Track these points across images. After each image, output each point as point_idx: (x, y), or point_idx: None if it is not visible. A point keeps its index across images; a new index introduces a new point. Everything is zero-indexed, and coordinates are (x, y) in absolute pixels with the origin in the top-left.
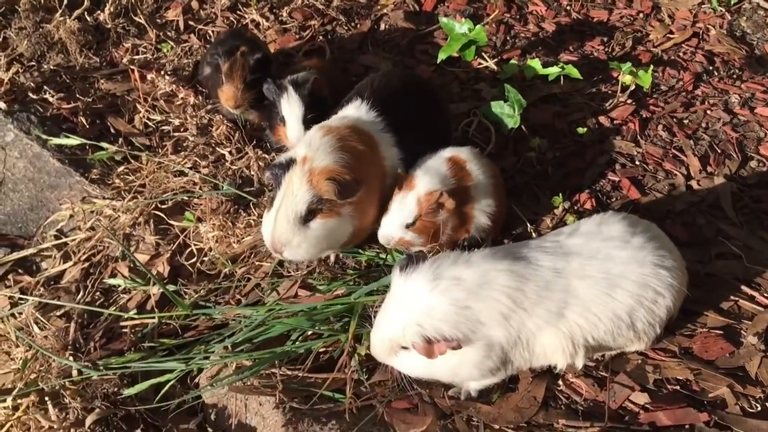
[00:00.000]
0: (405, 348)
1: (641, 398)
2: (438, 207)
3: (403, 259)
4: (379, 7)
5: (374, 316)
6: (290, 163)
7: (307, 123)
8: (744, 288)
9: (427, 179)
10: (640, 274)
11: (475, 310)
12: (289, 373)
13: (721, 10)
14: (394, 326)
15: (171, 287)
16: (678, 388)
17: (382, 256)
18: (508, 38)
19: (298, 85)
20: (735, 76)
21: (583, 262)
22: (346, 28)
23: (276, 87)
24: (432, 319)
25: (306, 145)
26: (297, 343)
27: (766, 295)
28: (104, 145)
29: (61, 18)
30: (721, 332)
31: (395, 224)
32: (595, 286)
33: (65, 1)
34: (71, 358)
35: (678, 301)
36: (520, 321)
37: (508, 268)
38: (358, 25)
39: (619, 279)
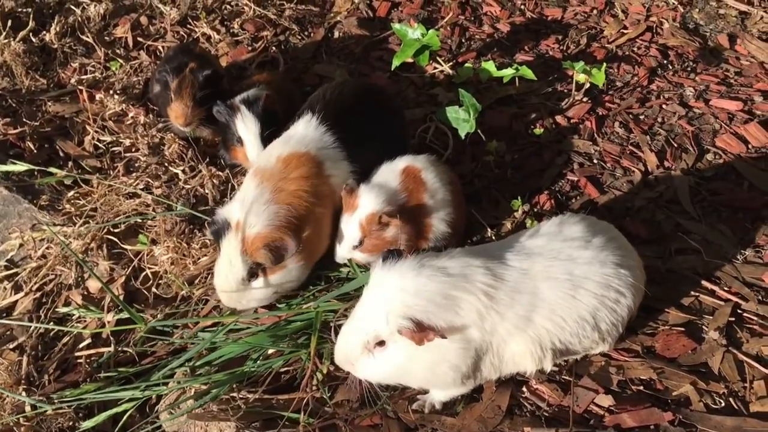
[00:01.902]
0: (380, 345)
1: (605, 401)
2: (383, 226)
3: (385, 253)
4: (332, 14)
5: (335, 330)
6: (225, 227)
7: (265, 140)
8: (704, 283)
9: (369, 199)
10: (602, 274)
11: (457, 300)
12: (250, 396)
13: (674, 3)
14: (374, 317)
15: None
16: (642, 388)
17: (343, 269)
18: (463, 41)
19: (250, 103)
20: (689, 68)
21: (546, 263)
22: (299, 37)
23: (228, 109)
24: (420, 299)
25: (239, 203)
26: (258, 362)
27: (726, 289)
28: (52, 170)
29: (5, 40)
30: (682, 329)
31: (344, 247)
32: (560, 287)
33: (9, 23)
34: (24, 393)
35: (638, 301)
36: (493, 324)
37: (485, 265)
38: (312, 34)
39: (582, 280)
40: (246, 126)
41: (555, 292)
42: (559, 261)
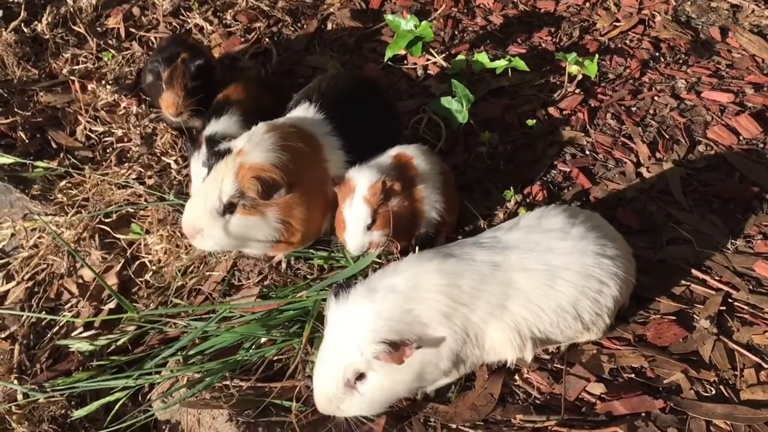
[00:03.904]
0: (360, 379)
1: (597, 388)
2: (387, 194)
3: (335, 289)
4: (325, 6)
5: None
6: (226, 153)
7: None
8: (695, 272)
9: (364, 175)
10: (582, 264)
11: (417, 311)
12: (242, 384)
13: None
14: (345, 352)
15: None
16: (633, 376)
17: (336, 257)
18: (456, 33)
19: (214, 144)
20: (681, 61)
21: (522, 255)
22: (292, 29)
23: (190, 144)
24: (383, 320)
25: (247, 138)
26: (250, 351)
27: (716, 278)
28: (41, 164)
29: None
30: (674, 318)
31: (358, 233)
32: (537, 278)
33: (0, 13)
34: (16, 381)
35: (625, 290)
36: (464, 317)
37: (436, 268)
38: (305, 26)
39: (561, 270)
40: (196, 167)
41: (531, 282)
42: (536, 252)
